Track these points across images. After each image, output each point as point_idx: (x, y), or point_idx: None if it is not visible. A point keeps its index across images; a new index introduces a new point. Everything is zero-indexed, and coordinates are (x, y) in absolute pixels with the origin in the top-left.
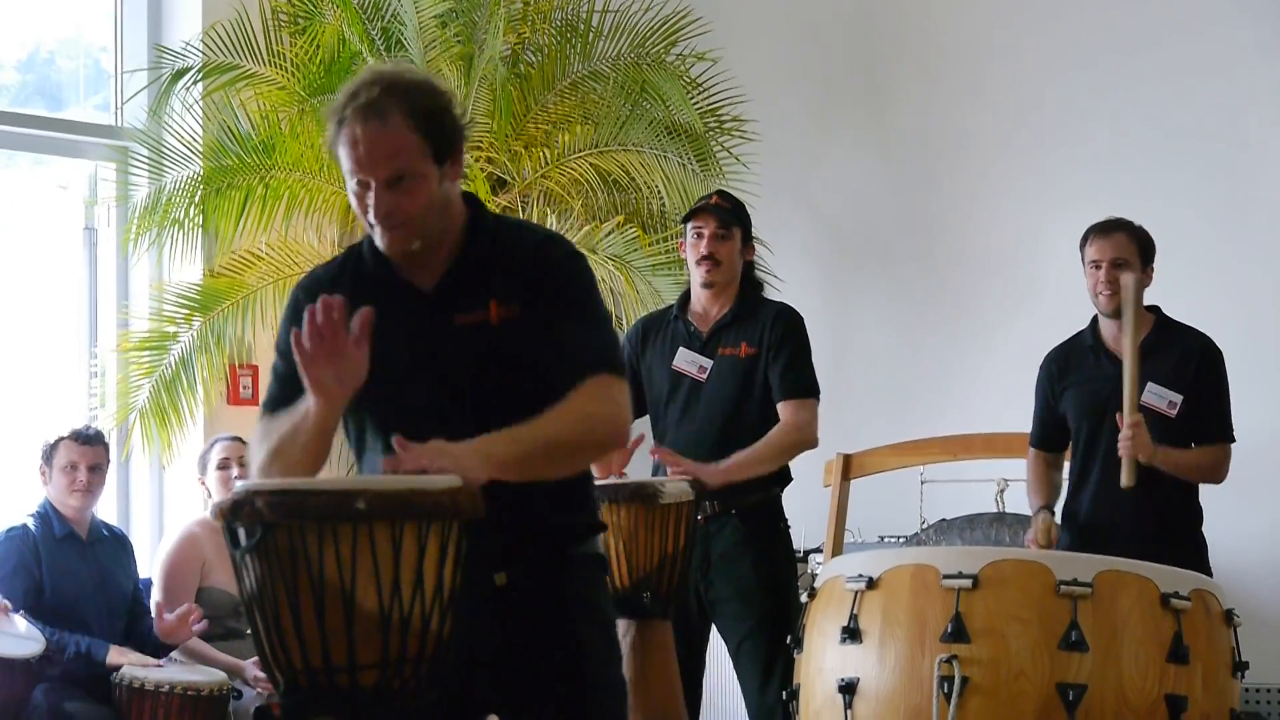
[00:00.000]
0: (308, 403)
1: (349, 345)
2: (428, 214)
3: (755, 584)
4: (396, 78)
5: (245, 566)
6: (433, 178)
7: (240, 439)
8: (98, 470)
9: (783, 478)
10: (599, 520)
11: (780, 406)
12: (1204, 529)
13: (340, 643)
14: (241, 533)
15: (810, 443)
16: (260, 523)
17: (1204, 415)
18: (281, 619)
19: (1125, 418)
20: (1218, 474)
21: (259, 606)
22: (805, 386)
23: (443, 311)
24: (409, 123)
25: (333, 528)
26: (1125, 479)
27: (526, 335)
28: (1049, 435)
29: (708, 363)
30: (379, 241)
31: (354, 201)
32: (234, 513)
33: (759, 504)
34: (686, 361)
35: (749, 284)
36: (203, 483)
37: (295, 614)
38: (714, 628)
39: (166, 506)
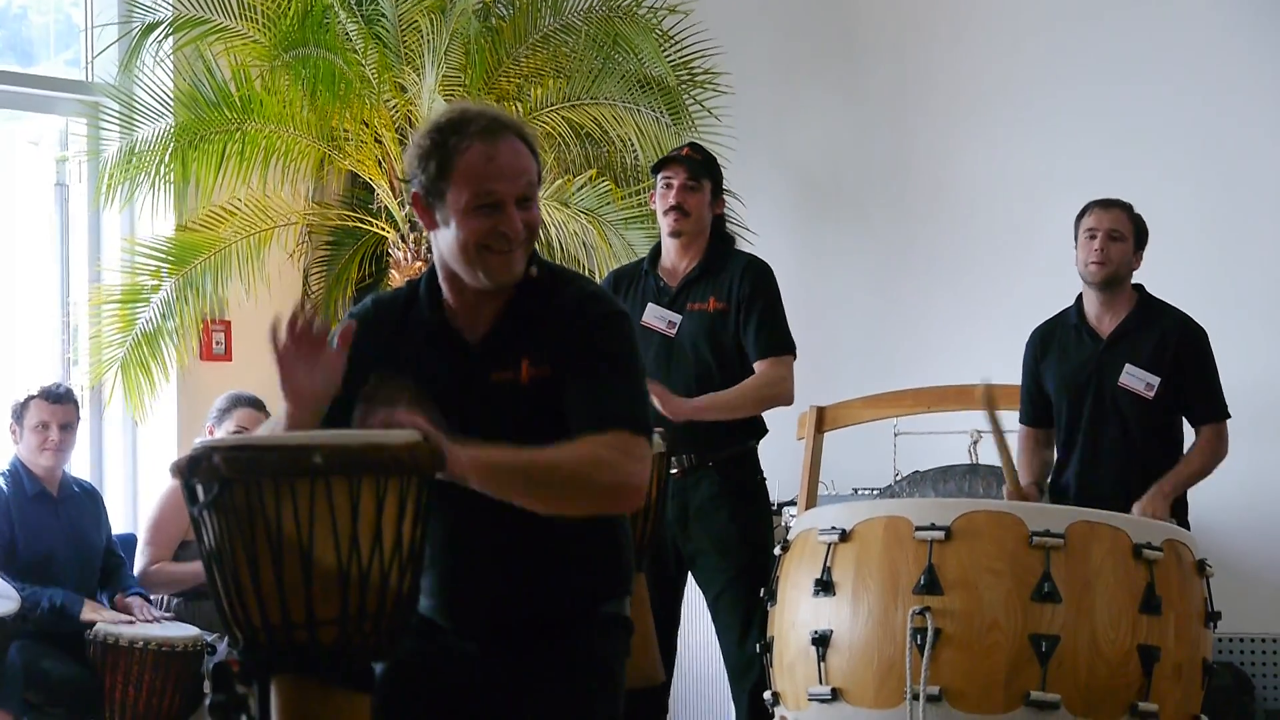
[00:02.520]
0: (281, 408)
1: (327, 353)
2: (534, 238)
3: (733, 536)
4: (500, 112)
5: (204, 523)
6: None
7: (263, 407)
8: (68, 429)
9: (758, 430)
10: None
11: (756, 365)
12: None
13: (299, 599)
14: (199, 489)
15: (784, 398)
16: (217, 479)
17: (1194, 397)
18: (240, 575)
19: (1137, 511)
20: (1219, 456)
21: (217, 563)
22: (779, 343)
23: (482, 367)
24: (526, 147)
25: (289, 483)
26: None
27: (555, 396)
28: (1038, 412)
29: (676, 318)
30: (488, 271)
31: (466, 229)
32: (191, 469)
33: (736, 456)
34: (655, 317)
35: (719, 238)
36: (212, 434)
37: (253, 570)
38: (690, 582)
39: (140, 462)
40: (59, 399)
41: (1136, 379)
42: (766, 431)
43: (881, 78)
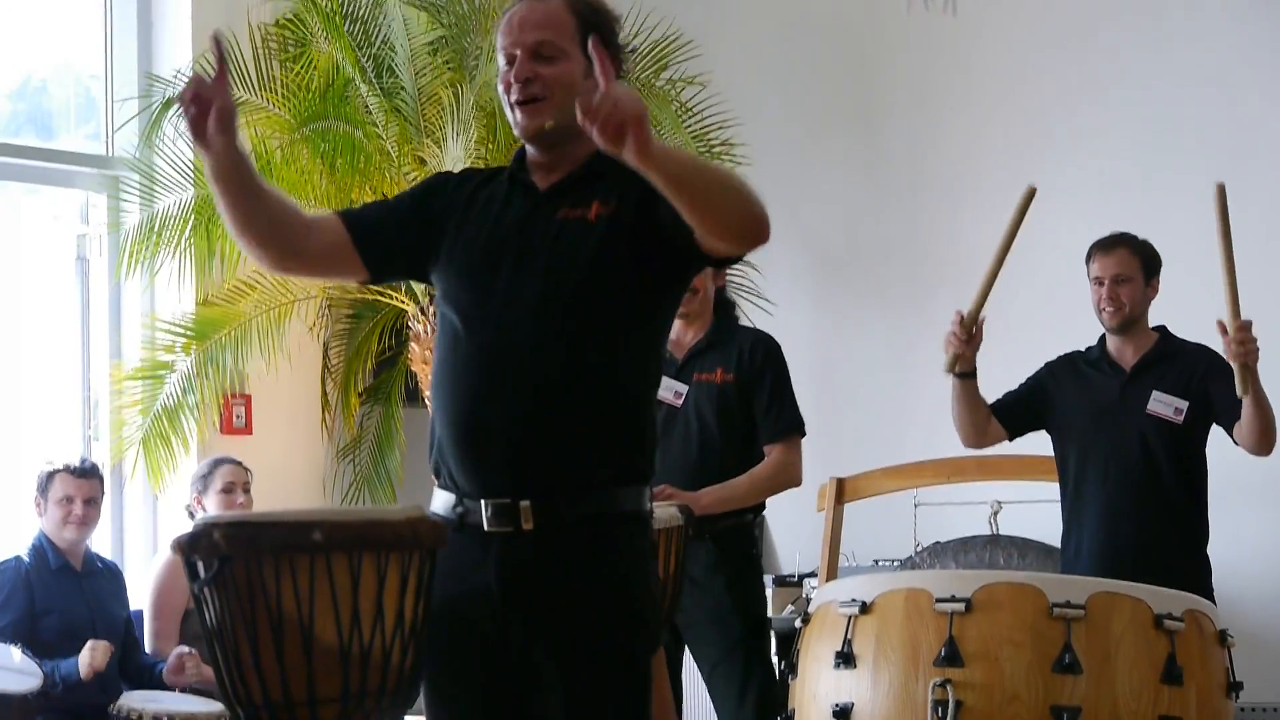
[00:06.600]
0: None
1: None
2: (565, 93)
3: (729, 607)
4: None
5: (205, 600)
6: (577, 63)
7: (241, 464)
8: (93, 503)
9: (756, 504)
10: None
11: (767, 449)
12: None
13: (300, 677)
14: (200, 566)
15: (794, 482)
16: (217, 555)
17: (1232, 400)
18: (240, 653)
19: (1229, 323)
20: (1273, 435)
21: (219, 640)
22: (789, 424)
23: (549, 207)
24: (568, 5)
25: (289, 559)
26: (1240, 389)
27: (621, 230)
28: (1011, 410)
29: (683, 388)
30: (515, 123)
31: (500, 89)
32: (192, 546)
33: (733, 529)
34: (662, 388)
35: (722, 307)
36: (200, 503)
37: (254, 648)
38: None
39: (160, 536)
40: (84, 474)
41: (1165, 405)
42: (765, 505)
43: (897, 150)
